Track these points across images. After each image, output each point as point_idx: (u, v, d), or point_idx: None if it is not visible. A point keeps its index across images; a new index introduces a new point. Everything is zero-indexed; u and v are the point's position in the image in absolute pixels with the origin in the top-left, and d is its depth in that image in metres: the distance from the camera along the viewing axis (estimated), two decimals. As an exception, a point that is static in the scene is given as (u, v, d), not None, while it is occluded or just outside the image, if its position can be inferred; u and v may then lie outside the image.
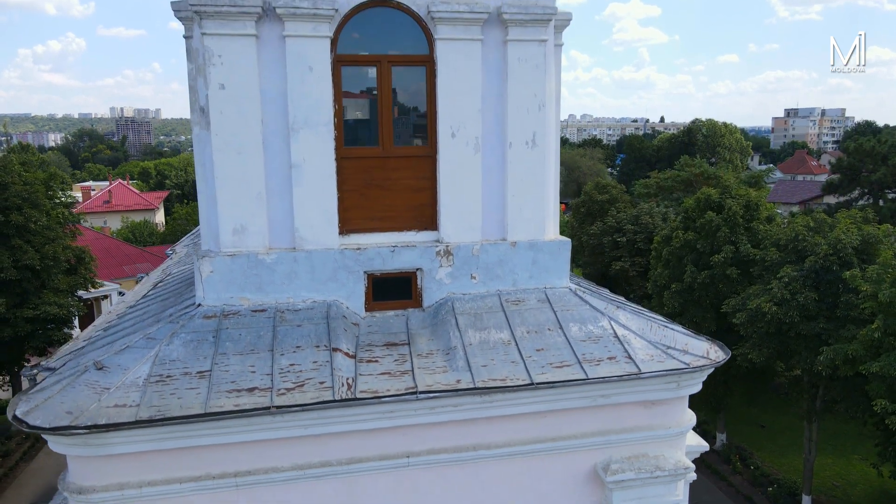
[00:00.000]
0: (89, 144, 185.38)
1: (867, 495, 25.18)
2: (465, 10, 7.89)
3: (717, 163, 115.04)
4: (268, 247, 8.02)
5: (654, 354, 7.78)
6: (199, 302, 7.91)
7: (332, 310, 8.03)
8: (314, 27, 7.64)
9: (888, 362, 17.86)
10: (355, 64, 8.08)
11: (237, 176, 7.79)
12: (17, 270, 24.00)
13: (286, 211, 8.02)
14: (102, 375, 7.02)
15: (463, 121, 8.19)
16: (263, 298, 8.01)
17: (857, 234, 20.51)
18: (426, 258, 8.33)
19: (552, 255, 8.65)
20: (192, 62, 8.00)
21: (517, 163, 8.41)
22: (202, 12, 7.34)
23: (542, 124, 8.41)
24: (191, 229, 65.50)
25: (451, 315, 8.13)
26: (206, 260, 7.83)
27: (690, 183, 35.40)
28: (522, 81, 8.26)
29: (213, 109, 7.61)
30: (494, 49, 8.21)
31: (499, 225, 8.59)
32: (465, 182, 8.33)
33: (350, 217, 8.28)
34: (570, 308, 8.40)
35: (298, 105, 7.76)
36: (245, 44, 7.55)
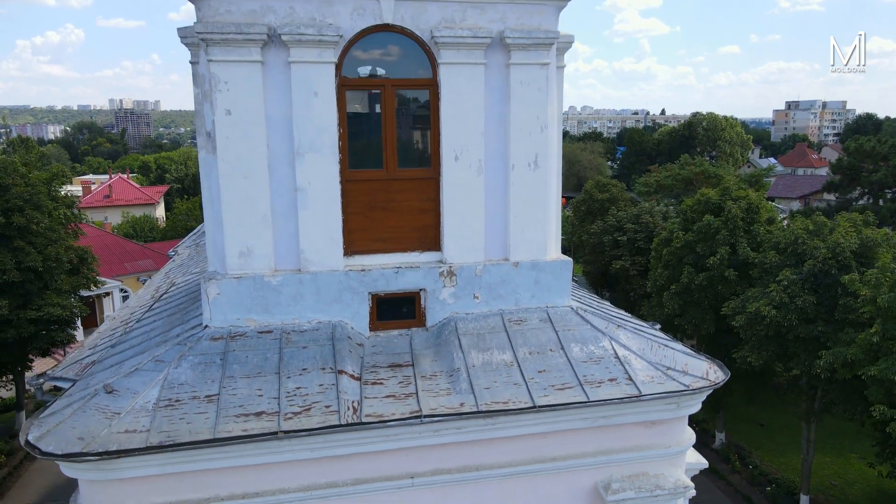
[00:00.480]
0: (89, 137, 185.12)
1: (865, 494, 25.38)
2: (469, 35, 7.96)
3: (717, 156, 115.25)
4: (273, 269, 8.14)
5: (654, 376, 7.91)
6: (206, 323, 8.03)
7: (338, 331, 8.14)
8: (319, 53, 7.72)
9: (887, 366, 17.98)
10: (360, 88, 8.17)
11: (243, 200, 7.89)
12: (19, 272, 24.10)
13: (291, 233, 8.13)
14: (112, 399, 7.15)
15: (466, 143, 8.28)
16: (269, 319, 8.13)
17: (855, 238, 20.60)
18: (430, 279, 8.45)
19: (554, 274, 8.77)
20: (198, 87, 8.08)
21: (519, 184, 8.51)
22: (209, 39, 7.42)
23: (544, 146, 8.51)
24: (192, 225, 65.57)
25: (454, 335, 8.25)
26: (213, 283, 7.93)
27: (691, 181, 35.48)
28: (525, 104, 8.35)
29: (220, 135, 7.71)
30: (497, 72, 8.30)
31: (501, 245, 8.69)
32: (468, 204, 8.43)
33: (355, 239, 8.39)
34: (571, 328, 8.51)
35: (303, 130, 7.86)
36: (251, 70, 7.63)
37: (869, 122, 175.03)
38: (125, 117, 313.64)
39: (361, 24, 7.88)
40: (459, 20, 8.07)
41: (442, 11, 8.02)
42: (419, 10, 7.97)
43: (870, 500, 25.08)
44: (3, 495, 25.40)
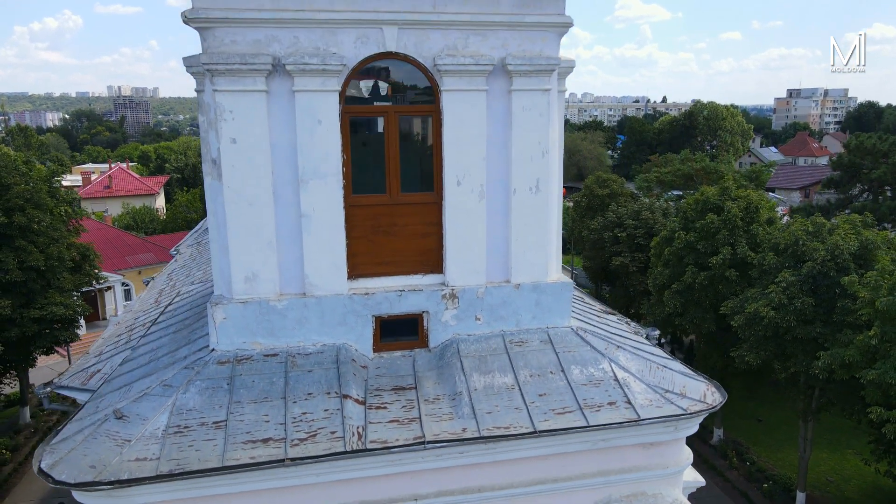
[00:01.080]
0: (88, 125, 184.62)
1: (861, 490, 25.71)
2: (471, 63, 8.04)
3: (717, 146, 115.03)
4: (279, 293, 8.26)
5: (652, 399, 8.06)
6: (213, 347, 8.17)
7: (342, 353, 8.29)
8: (323, 82, 7.80)
9: (885, 370, 18.17)
10: (363, 115, 8.25)
11: (249, 226, 8.00)
12: (22, 272, 24.25)
13: (296, 258, 8.24)
14: (122, 426, 7.30)
15: (468, 168, 8.38)
16: (275, 343, 8.27)
17: (854, 240, 20.72)
18: (432, 301, 8.58)
19: (555, 296, 8.90)
20: (204, 115, 8.16)
21: (521, 208, 8.61)
22: (214, 70, 7.50)
23: (545, 170, 8.60)
24: (192, 217, 65.69)
25: (456, 358, 8.40)
26: (220, 307, 8.06)
27: (691, 177, 35.51)
28: (526, 129, 8.43)
29: (225, 163, 7.80)
30: (499, 98, 8.37)
31: (503, 267, 8.81)
32: (470, 227, 8.54)
33: (358, 262, 8.51)
34: (571, 349, 8.66)
35: (308, 157, 7.95)
36: (256, 99, 7.72)
37: (871, 111, 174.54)
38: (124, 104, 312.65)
39: (365, 53, 7.95)
40: (462, 47, 8.14)
41: (444, 39, 8.09)
42: (422, 37, 8.03)
43: (866, 496, 25.41)
44: (8, 491, 25.71)
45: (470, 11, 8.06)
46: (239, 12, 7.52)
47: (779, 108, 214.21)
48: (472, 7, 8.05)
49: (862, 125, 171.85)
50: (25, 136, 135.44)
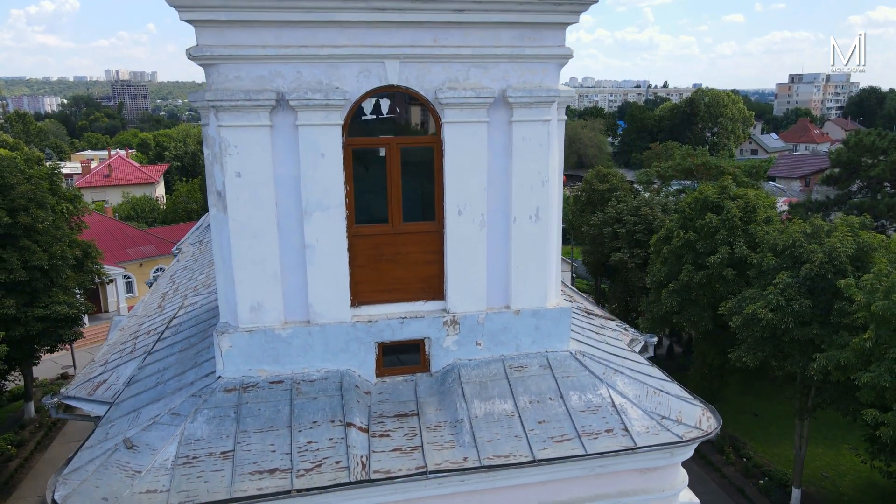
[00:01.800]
0: (86, 112, 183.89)
1: (856, 486, 26.07)
2: (472, 96, 8.14)
3: (718, 132, 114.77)
4: (283, 321, 8.43)
5: (649, 426, 8.26)
6: (220, 374, 8.35)
7: (345, 380, 8.47)
8: (326, 116, 7.91)
9: (879, 373, 18.39)
10: (366, 146, 8.36)
11: (254, 257, 8.15)
12: (26, 271, 24.43)
13: (300, 286, 8.40)
14: (132, 456, 7.50)
15: (469, 198, 8.51)
16: (280, 370, 8.46)
17: (852, 242, 20.86)
18: (434, 328, 8.75)
19: (554, 321, 9.07)
20: (209, 148, 8.27)
21: (521, 236, 8.76)
22: (219, 106, 7.61)
23: (545, 199, 8.73)
24: (192, 207, 65.77)
25: (457, 383, 8.58)
26: (226, 336, 8.24)
27: (691, 172, 35.57)
28: (527, 159, 8.55)
29: (230, 196, 7.93)
30: (500, 129, 8.48)
31: (503, 293, 8.97)
32: (471, 255, 8.69)
33: (361, 290, 8.67)
34: (570, 374, 8.84)
35: (311, 189, 8.08)
36: (260, 134, 7.83)
37: (872, 97, 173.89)
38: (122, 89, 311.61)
39: (367, 86, 8.05)
40: (463, 79, 8.24)
41: (446, 71, 8.18)
42: (423, 70, 8.13)
43: (860, 491, 25.77)
44: (15, 487, 26.06)
45: (471, 45, 8.15)
46: (243, 49, 7.62)
47: (780, 93, 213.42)
48: (473, 40, 8.14)
49: (864, 111, 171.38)
50: (24, 123, 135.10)
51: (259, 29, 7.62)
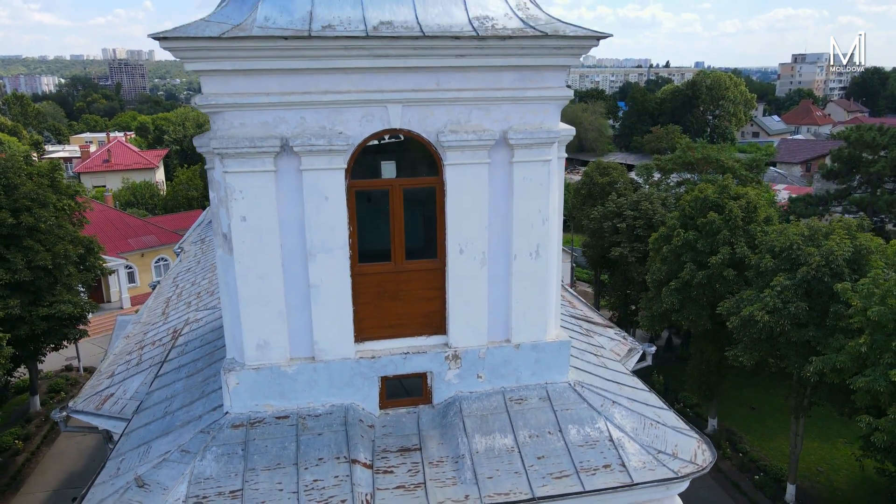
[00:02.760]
0: (84, 93, 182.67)
1: (850, 481, 26.50)
2: (474, 139, 8.25)
3: (720, 115, 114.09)
4: (289, 358, 8.62)
5: (645, 461, 8.49)
6: (227, 410, 8.57)
7: (350, 414, 8.69)
8: (329, 160, 8.02)
9: (874, 377, 18.65)
10: (369, 188, 8.48)
11: (259, 297, 8.32)
12: (30, 271, 24.62)
13: (305, 324, 8.58)
14: (144, 495, 7.73)
15: (471, 237, 8.66)
16: (286, 404, 8.67)
17: (849, 245, 21.00)
18: (436, 362, 8.95)
19: (553, 354, 9.26)
20: (214, 192, 8.39)
21: (521, 273, 8.91)
22: (224, 154, 7.72)
23: (545, 237, 8.88)
24: (192, 195, 65.66)
25: (458, 417, 8.80)
26: (233, 374, 8.44)
27: (691, 165, 35.58)
28: (527, 198, 8.68)
29: (236, 239, 8.08)
30: (501, 169, 8.60)
31: (503, 327, 9.15)
32: (472, 292, 8.85)
33: (365, 326, 8.85)
34: (569, 407, 9.05)
35: (315, 232, 8.22)
36: (265, 179, 7.95)
37: (875, 77, 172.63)
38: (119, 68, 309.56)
39: (370, 130, 8.16)
40: (464, 121, 8.33)
41: (448, 114, 8.28)
42: (425, 114, 8.22)
43: (854, 486, 26.21)
44: (23, 482, 26.47)
45: (473, 87, 8.23)
46: (247, 97, 7.71)
47: (783, 73, 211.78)
48: (474, 83, 8.23)
49: (867, 91, 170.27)
50: (22, 105, 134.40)
51: (263, 77, 7.70)
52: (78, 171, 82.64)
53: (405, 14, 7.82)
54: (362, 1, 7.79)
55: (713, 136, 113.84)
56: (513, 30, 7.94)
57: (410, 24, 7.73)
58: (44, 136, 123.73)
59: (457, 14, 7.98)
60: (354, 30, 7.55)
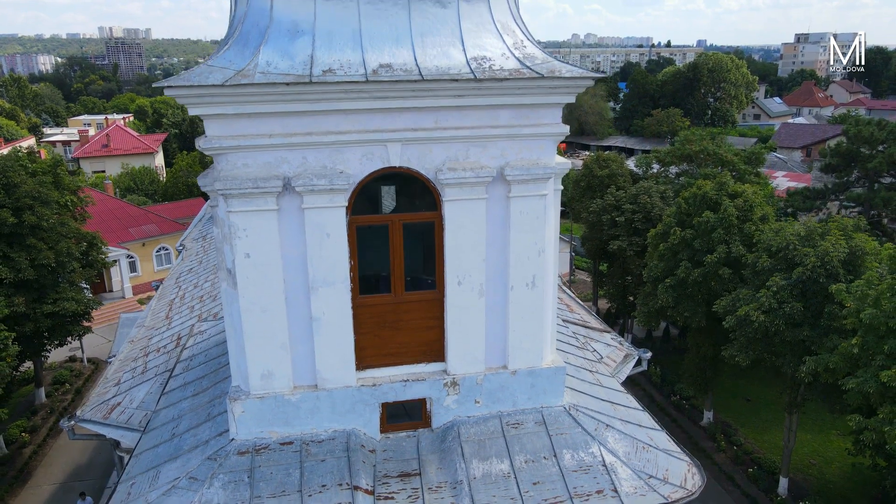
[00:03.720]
0: (81, 74, 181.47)
1: (842, 473, 27.00)
2: (472, 177, 8.44)
3: (721, 98, 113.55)
4: (292, 387, 8.91)
5: (637, 487, 8.80)
6: (233, 436, 8.87)
7: (352, 440, 8.99)
8: (330, 199, 8.23)
9: (865, 378, 18.99)
10: (369, 224, 8.69)
11: (263, 330, 8.57)
12: (34, 269, 24.85)
13: (308, 354, 8.85)
14: (155, 523, 8.05)
15: (468, 269, 8.89)
16: (290, 431, 8.97)
17: (844, 246, 21.21)
18: (435, 389, 9.23)
19: (549, 379, 9.54)
20: (218, 228, 8.59)
21: (518, 303, 9.16)
22: (228, 194, 7.92)
23: (541, 267, 9.10)
24: (192, 181, 65.56)
25: (457, 442, 9.11)
26: (238, 403, 8.73)
27: (690, 158, 35.65)
28: (524, 231, 8.89)
29: (240, 275, 8.31)
30: (498, 203, 8.80)
31: (500, 354, 9.43)
32: (470, 322, 9.11)
33: (366, 355, 9.12)
34: (563, 431, 9.36)
35: (317, 267, 8.45)
36: (267, 217, 8.16)
37: (878, 57, 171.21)
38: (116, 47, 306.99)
39: (370, 168, 8.35)
40: (462, 158, 8.52)
41: (446, 151, 8.46)
42: (424, 151, 8.40)
43: (846, 478, 26.71)
44: (30, 474, 26.96)
45: (470, 125, 8.41)
46: (250, 139, 7.89)
47: (786, 53, 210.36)
48: (472, 121, 8.40)
49: (870, 71, 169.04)
50: (19, 87, 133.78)
51: (266, 119, 7.87)
52: (77, 155, 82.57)
53: (404, 56, 7.97)
54: (362, 43, 7.93)
55: (714, 119, 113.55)
56: (510, 71, 8.10)
57: (409, 67, 7.88)
58: (42, 118, 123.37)
59: (455, 55, 8.13)
60: (354, 74, 7.70)
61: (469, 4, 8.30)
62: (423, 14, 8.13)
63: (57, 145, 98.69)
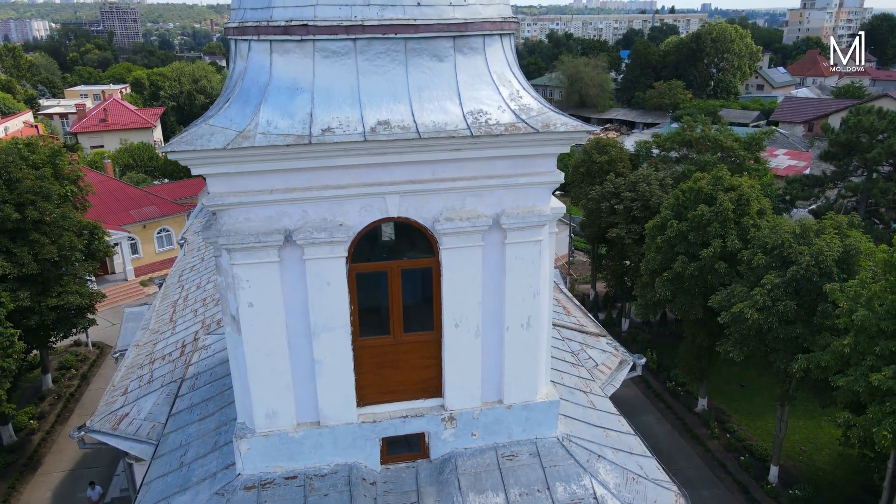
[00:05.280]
0: (76, 43, 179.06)
1: (831, 460, 27.68)
2: (468, 226, 8.65)
3: (724, 68, 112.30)
4: (296, 424, 9.26)
5: (626, 519, 9.22)
6: (240, 471, 9.25)
7: (353, 473, 9.38)
8: (330, 250, 8.45)
9: (854, 377, 19.42)
10: (368, 271, 8.93)
11: (267, 373, 8.88)
12: (37, 264, 25.14)
13: (310, 393, 9.18)
14: (167, 559, 8.48)
15: (465, 312, 9.16)
16: (294, 465, 9.36)
17: (839, 245, 21.45)
18: (433, 423, 9.59)
19: (543, 412, 9.90)
20: (222, 277, 8.83)
21: (513, 342, 9.45)
22: (231, 248, 8.15)
23: (536, 309, 9.37)
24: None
25: (454, 475, 9.50)
26: (244, 441, 9.09)
27: (690, 143, 35.60)
28: (519, 275, 9.14)
29: (244, 323, 8.59)
30: (494, 249, 9.02)
31: (496, 390, 9.76)
32: (466, 361, 9.42)
33: (366, 393, 9.45)
34: (557, 463, 9.74)
35: (318, 313, 8.72)
36: (269, 269, 8.41)
37: (885, 24, 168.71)
38: (111, 13, 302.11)
39: (369, 219, 8.55)
40: (459, 207, 8.72)
41: (443, 201, 8.65)
42: (421, 202, 8.60)
43: (835, 466, 27.39)
44: (40, 462, 27.64)
45: (467, 176, 8.58)
46: (252, 195, 8.09)
47: (792, 19, 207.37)
48: (468, 172, 8.58)
49: (876, 38, 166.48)
50: (14, 57, 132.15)
51: (267, 176, 8.06)
52: (74, 130, 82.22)
53: (402, 112, 8.11)
54: (360, 100, 8.06)
55: (717, 90, 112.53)
56: (506, 125, 8.24)
57: (407, 124, 8.03)
58: (38, 89, 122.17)
59: (452, 109, 8.26)
60: (353, 132, 7.86)
61: (466, 57, 8.39)
62: (420, 68, 8.23)
63: (54, 118, 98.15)
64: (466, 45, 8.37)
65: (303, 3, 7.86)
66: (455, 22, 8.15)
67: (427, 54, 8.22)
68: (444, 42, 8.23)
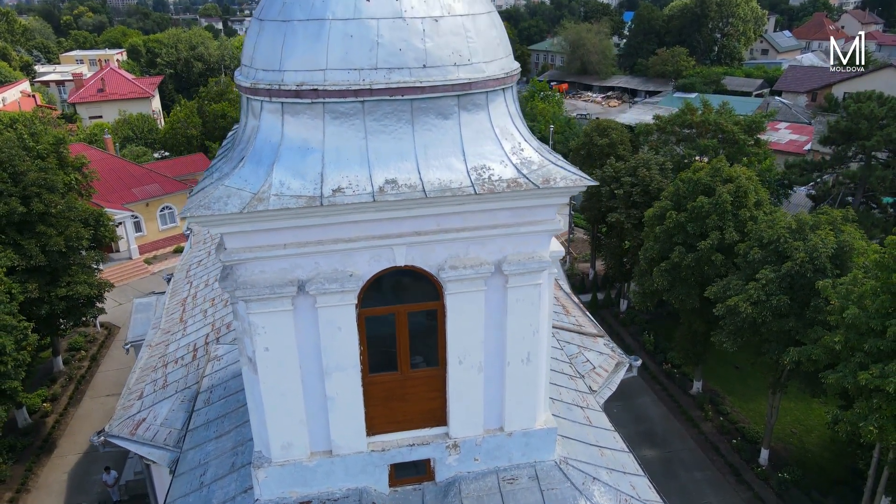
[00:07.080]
0: (70, 6, 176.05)
1: (821, 442, 28.58)
2: (472, 273, 9.09)
3: (729, 33, 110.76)
4: (310, 454, 9.86)
5: (618, 542, 9.89)
6: (257, 497, 9.90)
7: (363, 497, 10.03)
8: (341, 298, 8.91)
9: (844, 373, 20.08)
10: (377, 314, 9.40)
11: (283, 409, 9.44)
12: (45, 255, 25.61)
13: (323, 425, 9.76)
14: (193, 582, 9.17)
15: (468, 350, 9.67)
16: (308, 490, 10.00)
17: (833, 241, 21.87)
18: (438, 450, 10.20)
19: (541, 438, 10.50)
20: (239, 322, 9.29)
21: (514, 376, 9.99)
22: (247, 299, 8.61)
23: (536, 345, 9.88)
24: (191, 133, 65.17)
25: (458, 497, 10.15)
26: (262, 470, 9.71)
27: (691, 126, 35.66)
28: (520, 316, 9.62)
29: (261, 365, 9.10)
30: (496, 292, 9.48)
31: (497, 418, 10.34)
32: (469, 393, 9.97)
33: (375, 423, 10.02)
34: (554, 486, 10.37)
35: (330, 355, 9.23)
36: (283, 317, 8.88)
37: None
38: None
39: (377, 269, 8.99)
40: (463, 255, 9.14)
41: (448, 250, 9.07)
42: (427, 251, 9.02)
43: (824, 448, 28.29)
44: (55, 445, 28.54)
45: (470, 227, 8.99)
46: (266, 250, 8.51)
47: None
48: (472, 222, 8.97)
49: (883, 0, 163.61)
50: (8, 22, 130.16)
51: (280, 232, 8.46)
52: (73, 101, 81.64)
53: (408, 170, 8.46)
54: (369, 159, 8.40)
55: (721, 56, 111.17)
56: (508, 181, 8.61)
57: (414, 183, 8.39)
58: (33, 55, 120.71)
59: (456, 166, 8.61)
60: (362, 192, 8.23)
61: (469, 113, 8.71)
62: (426, 126, 8.55)
63: (51, 85, 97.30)
64: (470, 101, 8.68)
65: (313, 68, 8.14)
66: (459, 82, 8.44)
67: (433, 113, 8.53)
68: (448, 101, 8.53)
